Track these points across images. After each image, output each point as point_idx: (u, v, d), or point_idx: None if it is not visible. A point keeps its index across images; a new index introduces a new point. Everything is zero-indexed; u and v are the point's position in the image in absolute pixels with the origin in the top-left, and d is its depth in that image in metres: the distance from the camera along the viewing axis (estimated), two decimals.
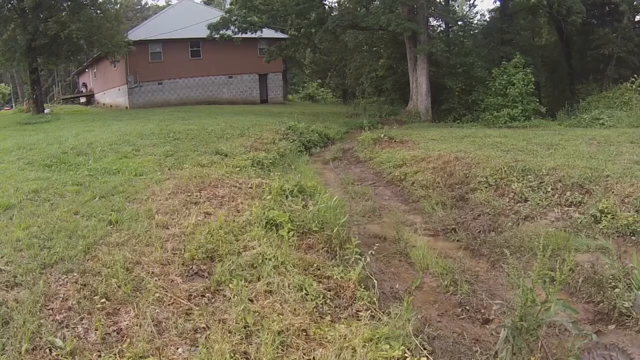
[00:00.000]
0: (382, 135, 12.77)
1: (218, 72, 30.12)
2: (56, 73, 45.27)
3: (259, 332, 3.00)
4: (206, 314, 3.19)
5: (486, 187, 7.00)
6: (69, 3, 21.31)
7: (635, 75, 17.19)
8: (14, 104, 42.16)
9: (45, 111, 24.23)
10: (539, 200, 6.15)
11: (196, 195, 5.90)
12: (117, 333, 2.97)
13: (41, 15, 20.89)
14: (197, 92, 29.81)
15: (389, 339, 2.98)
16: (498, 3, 25.77)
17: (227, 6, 32.23)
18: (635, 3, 23.66)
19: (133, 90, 28.55)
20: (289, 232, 4.65)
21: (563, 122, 15.65)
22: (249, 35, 22.48)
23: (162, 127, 12.61)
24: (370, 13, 20.76)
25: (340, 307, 3.60)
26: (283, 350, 2.88)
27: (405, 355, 2.84)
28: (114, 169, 7.40)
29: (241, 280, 3.60)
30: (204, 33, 22.73)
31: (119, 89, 29.92)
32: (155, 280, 3.60)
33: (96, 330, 2.91)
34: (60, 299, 3.22)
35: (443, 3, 23.68)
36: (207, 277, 3.81)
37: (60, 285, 3.40)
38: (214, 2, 46.69)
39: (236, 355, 2.79)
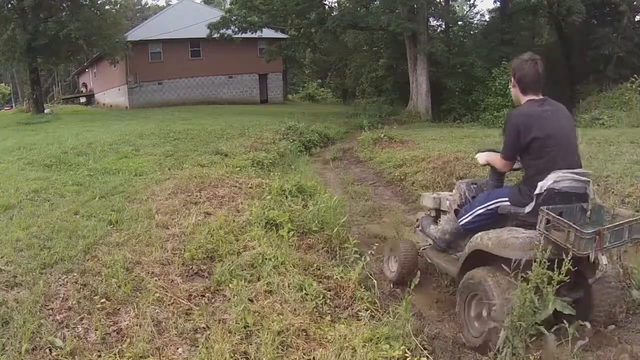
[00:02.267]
0: (382, 135, 12.77)
1: (218, 72, 30.14)
2: (56, 73, 45.29)
3: (259, 332, 2.99)
4: (206, 314, 3.19)
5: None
6: (69, 3, 21.33)
7: (635, 75, 17.19)
8: (14, 104, 42.17)
9: (45, 111, 24.25)
10: None
11: (196, 195, 5.90)
12: (117, 333, 2.97)
13: (41, 15, 20.92)
14: (197, 92, 29.82)
15: (389, 338, 2.98)
16: (498, 3, 25.78)
17: (227, 6, 32.25)
18: (635, 3, 23.68)
19: (133, 90, 28.56)
20: (289, 232, 4.65)
21: None
22: (248, 35, 22.50)
23: (162, 127, 12.63)
24: (370, 13, 20.77)
25: (340, 307, 3.60)
26: (283, 350, 2.88)
27: (406, 355, 2.84)
28: (114, 169, 7.41)
29: (241, 280, 3.60)
30: (204, 33, 22.76)
31: (119, 89, 29.94)
32: (155, 280, 3.60)
33: (96, 330, 2.91)
34: (60, 299, 3.22)
35: (443, 3, 23.69)
36: (207, 277, 3.81)
37: (60, 285, 3.40)
38: (214, 2, 46.71)
39: (236, 355, 2.79)
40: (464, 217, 3.57)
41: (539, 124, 3.01)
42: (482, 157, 3.68)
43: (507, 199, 3.28)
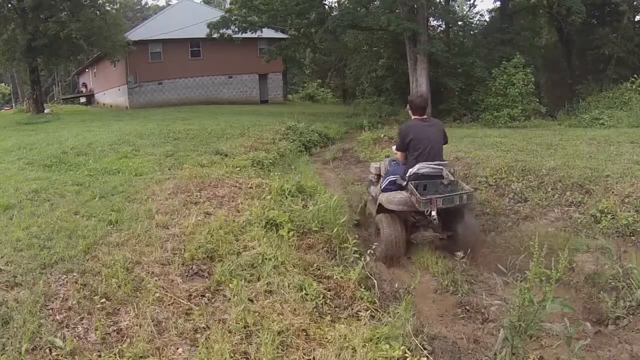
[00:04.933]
0: (382, 135, 12.76)
1: (218, 72, 30.10)
2: (56, 73, 45.25)
3: (259, 332, 3.00)
4: (206, 314, 3.20)
5: (486, 187, 7.00)
6: (69, 3, 21.30)
7: (635, 75, 17.18)
8: (14, 104, 42.15)
9: (46, 111, 24.22)
10: (539, 200, 6.15)
11: (196, 195, 5.90)
12: (117, 333, 2.97)
13: (41, 16, 20.89)
14: (197, 92, 29.79)
15: (389, 338, 2.98)
16: (498, 3, 25.77)
17: (227, 6, 32.24)
18: (635, 3, 23.67)
19: (133, 90, 28.54)
20: (289, 232, 4.65)
21: (563, 122, 15.64)
22: (249, 35, 22.46)
23: (162, 127, 12.62)
24: (370, 13, 20.75)
25: (340, 307, 3.61)
26: (283, 350, 2.88)
27: (406, 355, 2.84)
28: (114, 169, 7.40)
29: (241, 280, 3.60)
30: (204, 33, 22.70)
31: (119, 89, 29.92)
32: (155, 280, 3.60)
33: (96, 330, 2.92)
34: (60, 299, 3.22)
35: (443, 3, 23.67)
36: (207, 277, 3.81)
37: (60, 285, 3.40)
38: (214, 2, 46.72)
39: (236, 355, 2.79)
40: (382, 183, 5.51)
41: (415, 132, 5.14)
42: (393, 149, 5.65)
43: (399, 175, 5.28)
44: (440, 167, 5.09)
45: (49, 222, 4.59)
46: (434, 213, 4.79)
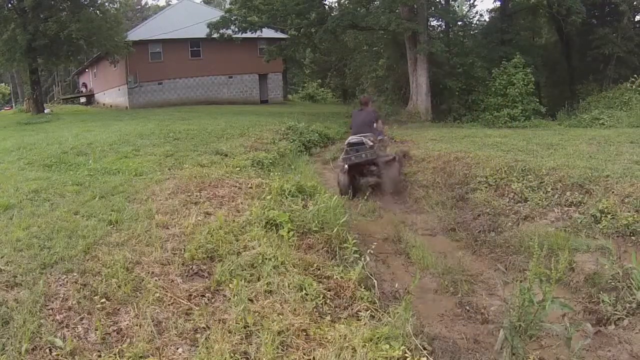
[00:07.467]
0: None
1: (218, 72, 30.09)
2: (56, 73, 45.25)
3: (259, 332, 3.00)
4: (206, 314, 3.20)
5: (486, 187, 7.01)
6: (69, 3, 21.28)
7: (635, 75, 17.18)
8: (14, 104, 42.13)
9: (46, 111, 24.20)
10: (539, 200, 6.15)
11: (196, 195, 5.90)
12: (117, 333, 2.97)
13: (41, 15, 20.87)
14: (197, 92, 29.78)
15: (389, 338, 2.98)
16: (498, 3, 25.76)
17: (227, 6, 32.21)
18: (635, 3, 23.67)
19: (133, 90, 28.53)
20: (289, 232, 4.65)
21: (563, 122, 15.65)
22: (249, 35, 22.45)
23: (162, 127, 12.61)
24: (370, 13, 20.73)
25: (340, 307, 3.60)
26: (283, 350, 2.88)
27: (406, 355, 2.84)
28: (114, 169, 7.40)
29: (241, 280, 3.60)
30: (204, 33, 22.69)
31: (119, 89, 29.90)
32: (155, 280, 3.60)
33: (96, 330, 2.92)
34: (60, 299, 3.22)
35: (443, 3, 23.66)
36: (207, 277, 3.81)
37: (60, 285, 3.40)
38: (214, 2, 46.73)
39: (236, 355, 2.79)
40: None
41: (353, 117, 8.57)
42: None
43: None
44: (361, 137, 7.76)
45: (49, 222, 4.59)
46: (346, 166, 7.59)
